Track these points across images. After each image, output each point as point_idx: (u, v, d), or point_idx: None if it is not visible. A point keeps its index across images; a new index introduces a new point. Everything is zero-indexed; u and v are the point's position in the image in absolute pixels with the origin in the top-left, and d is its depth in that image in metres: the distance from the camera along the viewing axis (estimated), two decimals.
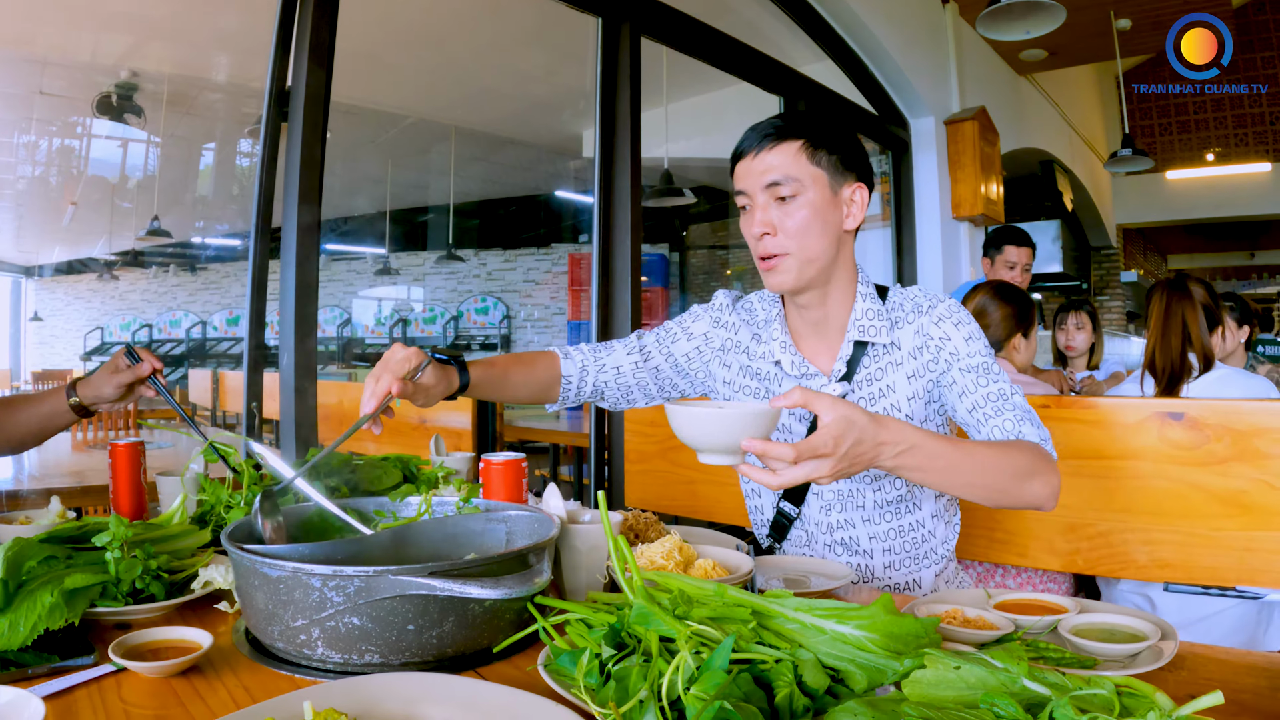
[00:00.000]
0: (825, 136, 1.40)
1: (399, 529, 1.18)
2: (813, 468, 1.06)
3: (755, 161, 1.40)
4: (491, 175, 10.62)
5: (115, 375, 1.59)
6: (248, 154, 9.04)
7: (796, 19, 4.69)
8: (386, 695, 0.80)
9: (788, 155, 1.38)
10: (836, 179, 1.41)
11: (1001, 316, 2.62)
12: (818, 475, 1.06)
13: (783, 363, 1.50)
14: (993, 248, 3.83)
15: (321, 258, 2.45)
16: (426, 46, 6.00)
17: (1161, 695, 0.66)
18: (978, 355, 1.40)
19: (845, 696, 0.75)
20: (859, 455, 1.09)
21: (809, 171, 1.38)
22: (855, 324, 1.46)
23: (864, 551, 1.51)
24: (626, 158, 3.26)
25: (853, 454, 1.08)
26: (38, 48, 6.08)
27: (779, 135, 1.39)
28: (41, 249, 13.45)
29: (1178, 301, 2.49)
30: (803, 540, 1.56)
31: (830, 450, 1.06)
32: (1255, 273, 12.98)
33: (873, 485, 1.50)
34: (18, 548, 1.04)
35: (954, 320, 1.43)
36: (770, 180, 1.38)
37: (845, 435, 1.06)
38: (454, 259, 11.64)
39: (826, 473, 1.07)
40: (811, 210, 1.38)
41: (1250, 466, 1.64)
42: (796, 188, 1.38)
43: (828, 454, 1.06)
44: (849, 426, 1.07)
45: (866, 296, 1.47)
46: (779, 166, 1.38)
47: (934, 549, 1.53)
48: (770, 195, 1.39)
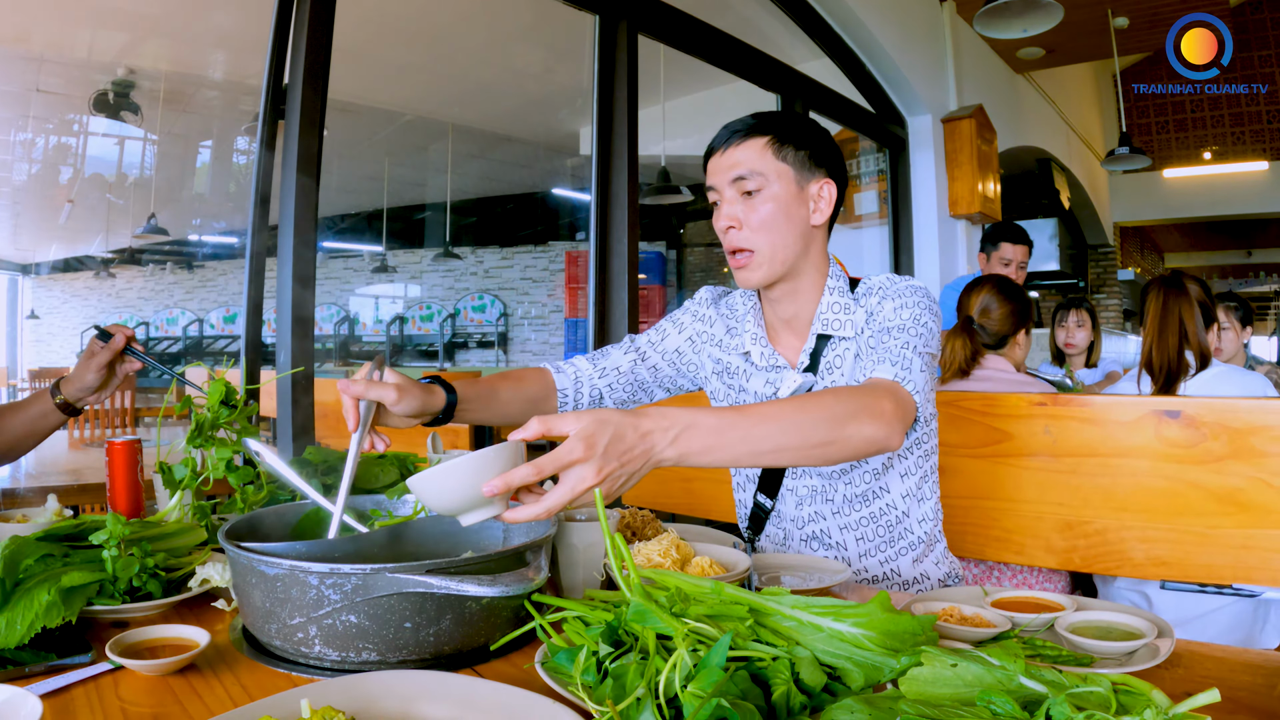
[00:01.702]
0: (792, 133, 1.41)
1: (396, 527, 1.18)
2: (574, 476, 0.95)
3: (723, 157, 1.42)
4: (489, 173, 10.62)
5: (92, 359, 1.55)
6: (245, 151, 9.02)
7: (794, 17, 4.69)
8: (384, 693, 0.80)
9: (754, 150, 1.40)
10: (804, 174, 1.42)
11: (1005, 313, 2.60)
12: (582, 483, 0.94)
13: (751, 354, 1.53)
14: (989, 244, 3.84)
15: (319, 255, 2.44)
16: (424, 44, 5.99)
17: (1158, 693, 0.66)
18: (895, 317, 1.37)
19: (842, 694, 0.76)
20: (626, 451, 0.98)
21: (774, 166, 1.40)
22: (820, 317, 1.48)
23: (837, 544, 1.52)
24: (624, 155, 3.26)
25: (615, 451, 0.96)
26: (34, 45, 6.06)
27: (747, 132, 1.41)
28: (38, 247, 13.43)
29: (1174, 299, 2.47)
30: (779, 536, 1.57)
31: (583, 454, 0.94)
32: (1252, 271, 12.99)
33: (844, 479, 1.50)
34: (15, 546, 1.04)
35: (892, 294, 1.42)
36: (736, 175, 1.40)
37: (597, 434, 0.95)
38: (451, 256, 11.63)
39: (592, 477, 0.94)
40: (776, 204, 1.40)
41: (1246, 464, 1.64)
42: (761, 182, 1.39)
43: (582, 458, 0.94)
44: (600, 425, 0.96)
45: (835, 290, 1.49)
46: (745, 161, 1.40)
47: (909, 529, 1.52)
48: (736, 189, 1.41)
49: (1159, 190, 11.09)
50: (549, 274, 11.97)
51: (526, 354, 12.04)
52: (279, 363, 2.37)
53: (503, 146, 9.28)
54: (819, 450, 1.13)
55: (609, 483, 0.97)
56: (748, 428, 1.07)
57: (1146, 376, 2.50)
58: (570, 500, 0.95)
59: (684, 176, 7.90)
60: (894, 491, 1.51)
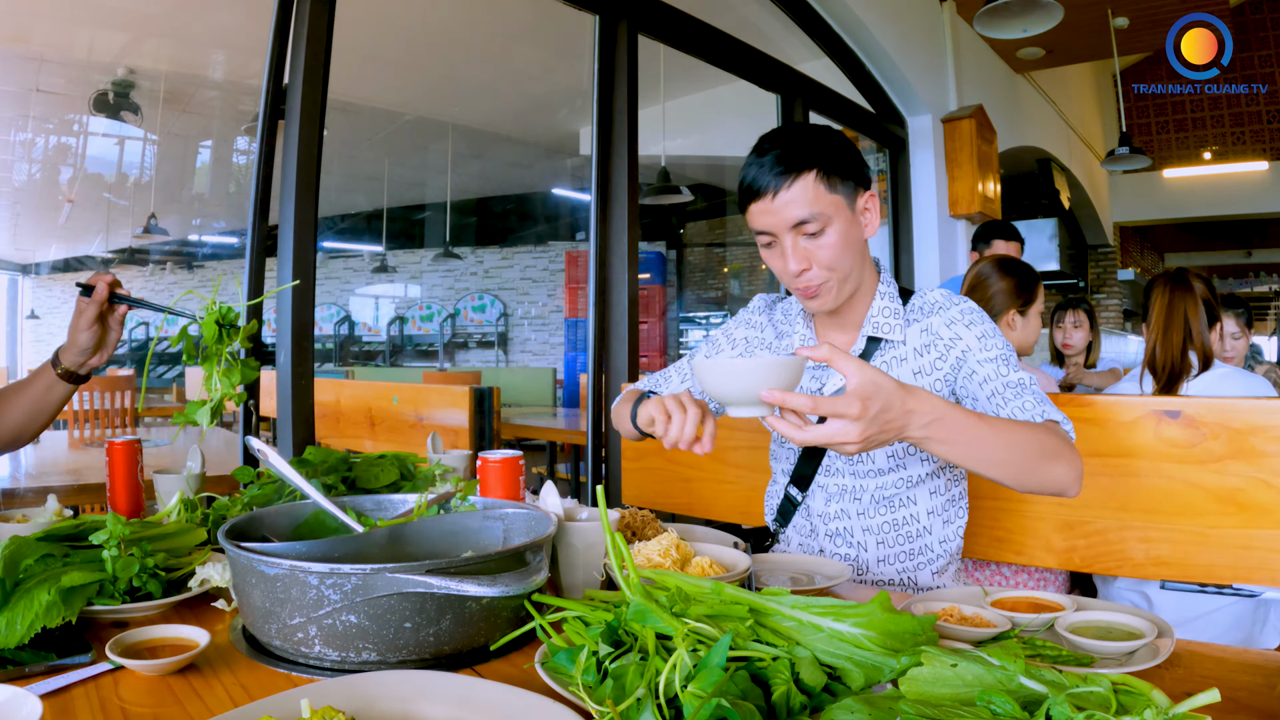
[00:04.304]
0: (834, 160, 1.37)
1: (396, 527, 1.18)
2: (839, 428, 1.04)
3: (773, 202, 1.36)
4: (489, 173, 10.62)
5: (81, 317, 1.47)
6: (244, 151, 9.02)
7: (794, 17, 4.69)
8: (384, 693, 0.80)
9: (806, 190, 1.34)
10: (851, 197, 1.40)
11: (1001, 289, 2.54)
12: (845, 438, 1.04)
13: None
14: (981, 241, 3.83)
15: (318, 255, 2.45)
16: (424, 44, 5.99)
17: (1158, 693, 0.66)
18: (995, 349, 1.42)
19: (842, 694, 0.76)
20: (888, 422, 1.06)
21: (829, 200, 1.36)
22: (870, 320, 1.50)
23: (858, 544, 1.55)
24: (624, 155, 3.26)
25: (881, 419, 1.05)
26: (34, 45, 6.06)
27: (791, 169, 1.35)
28: (38, 247, 13.43)
29: (1180, 296, 2.42)
30: (806, 529, 1.60)
31: (857, 413, 1.02)
32: (1252, 271, 12.98)
33: (876, 480, 1.53)
34: (15, 546, 1.04)
35: (966, 321, 1.45)
36: (797, 220, 1.36)
37: (873, 399, 1.03)
38: (451, 256, 11.63)
39: (855, 438, 1.03)
40: (840, 237, 1.38)
41: (1247, 464, 1.64)
42: (823, 221, 1.36)
43: (855, 416, 1.02)
44: (876, 390, 1.04)
45: (885, 295, 1.51)
46: (801, 203, 1.35)
47: (929, 546, 1.55)
48: (798, 233, 1.37)
49: (1159, 190, 11.09)
50: (549, 274, 11.97)
51: (526, 354, 12.06)
52: (279, 363, 2.37)
53: (503, 146, 9.28)
54: (1021, 474, 1.22)
55: (864, 444, 1.05)
56: (983, 435, 1.16)
57: (1149, 376, 2.47)
58: (828, 445, 1.05)
59: (684, 176, 7.90)
60: (920, 505, 1.54)
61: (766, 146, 1.38)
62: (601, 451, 3.17)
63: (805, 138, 1.38)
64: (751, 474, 2.26)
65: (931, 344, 1.46)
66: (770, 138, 1.40)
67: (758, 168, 1.37)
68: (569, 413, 6.55)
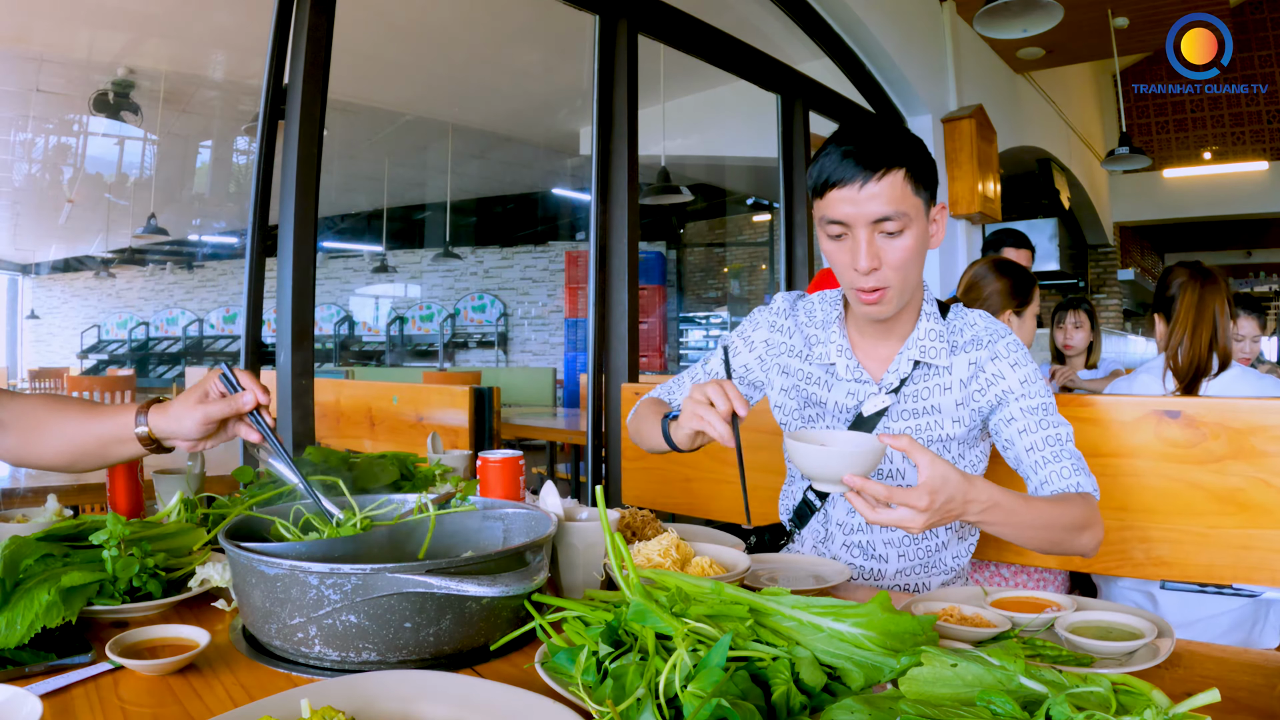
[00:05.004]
0: (921, 164, 1.34)
1: (396, 527, 1.18)
2: (907, 516, 1.12)
3: (860, 193, 1.31)
4: (488, 173, 10.62)
5: (203, 406, 1.18)
6: (245, 151, 9.03)
7: (794, 17, 4.69)
8: (383, 693, 0.80)
9: (894, 188, 1.31)
10: (928, 204, 1.37)
11: (996, 290, 2.50)
12: (910, 524, 1.13)
13: (837, 366, 1.51)
14: (991, 249, 3.84)
15: (319, 255, 2.45)
16: (424, 44, 5.99)
17: (1158, 693, 0.66)
18: (1038, 396, 1.42)
19: (842, 694, 0.76)
20: (949, 510, 1.15)
21: (913, 203, 1.33)
22: (917, 343, 1.46)
23: (879, 556, 1.54)
24: (624, 155, 3.26)
25: (944, 509, 1.14)
26: (34, 45, 6.07)
27: (885, 165, 1.30)
28: (38, 247, 13.44)
29: (1210, 292, 2.27)
30: (820, 535, 1.59)
31: (925, 505, 1.12)
32: (1252, 271, 12.98)
33: None
34: (15, 546, 1.04)
35: (1010, 361, 1.44)
36: (879, 216, 1.32)
37: (939, 491, 1.12)
38: (451, 256, 11.64)
39: (918, 525, 1.13)
40: (915, 241, 1.35)
41: (1247, 464, 1.64)
42: (905, 222, 1.33)
43: (923, 508, 1.12)
44: (944, 483, 1.12)
45: (930, 316, 1.48)
46: (888, 199, 1.31)
47: (944, 560, 1.56)
48: (876, 229, 1.33)
49: (1159, 190, 11.08)
50: (549, 274, 11.98)
51: (527, 354, 12.06)
52: (279, 363, 2.37)
53: (503, 146, 9.28)
54: (1051, 545, 1.30)
55: (925, 528, 1.14)
56: (1027, 518, 1.24)
57: (1170, 374, 2.31)
58: (895, 525, 1.14)
59: (684, 176, 7.90)
60: None
61: (857, 137, 1.33)
62: (601, 451, 3.17)
63: (897, 136, 1.35)
64: (751, 474, 2.26)
65: (975, 376, 1.45)
66: (859, 130, 1.35)
67: (844, 156, 1.32)
68: (569, 413, 6.55)
